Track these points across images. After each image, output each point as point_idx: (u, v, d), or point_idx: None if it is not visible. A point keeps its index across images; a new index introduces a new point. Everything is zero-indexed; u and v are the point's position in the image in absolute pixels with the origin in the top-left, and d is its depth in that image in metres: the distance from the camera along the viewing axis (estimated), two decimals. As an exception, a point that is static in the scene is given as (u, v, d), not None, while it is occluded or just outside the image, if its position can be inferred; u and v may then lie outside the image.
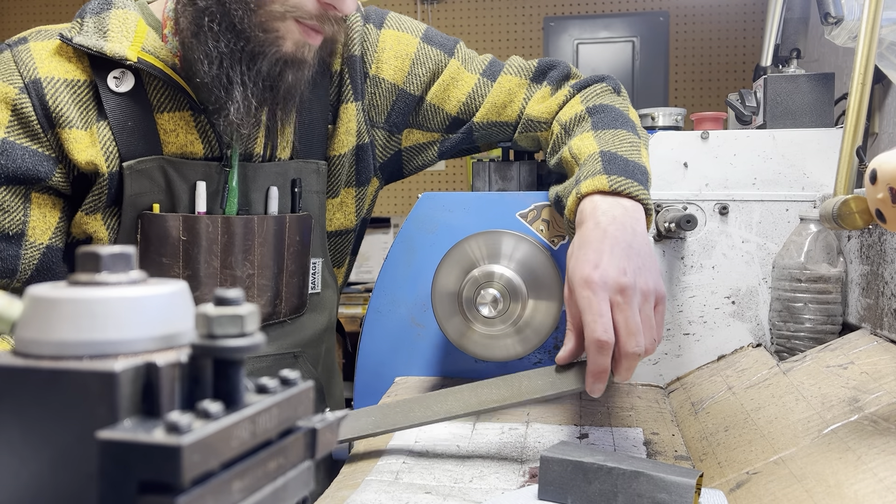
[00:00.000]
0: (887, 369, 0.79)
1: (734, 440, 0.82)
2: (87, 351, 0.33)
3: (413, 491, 0.74)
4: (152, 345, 0.35)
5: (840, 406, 0.76)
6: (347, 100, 1.14)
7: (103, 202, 1.02)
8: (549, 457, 0.70)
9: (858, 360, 0.85)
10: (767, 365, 0.97)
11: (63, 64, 1.00)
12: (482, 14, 3.39)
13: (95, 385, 0.32)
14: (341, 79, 1.14)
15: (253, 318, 0.35)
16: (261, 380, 0.37)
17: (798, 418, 0.79)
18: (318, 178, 1.13)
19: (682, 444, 0.87)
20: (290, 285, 1.12)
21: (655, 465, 0.69)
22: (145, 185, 1.01)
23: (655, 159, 1.11)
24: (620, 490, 0.67)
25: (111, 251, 0.36)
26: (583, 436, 0.90)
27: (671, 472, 0.66)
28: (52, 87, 0.98)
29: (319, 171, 1.13)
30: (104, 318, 0.34)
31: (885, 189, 0.61)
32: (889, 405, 0.72)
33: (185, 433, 0.30)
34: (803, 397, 0.83)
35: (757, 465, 0.74)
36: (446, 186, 3.47)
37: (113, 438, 0.30)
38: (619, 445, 0.86)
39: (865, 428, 0.70)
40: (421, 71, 1.15)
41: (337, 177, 1.16)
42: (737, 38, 3.24)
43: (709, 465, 0.80)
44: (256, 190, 1.07)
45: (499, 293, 0.93)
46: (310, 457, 0.38)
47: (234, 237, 1.05)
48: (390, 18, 1.18)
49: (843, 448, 0.68)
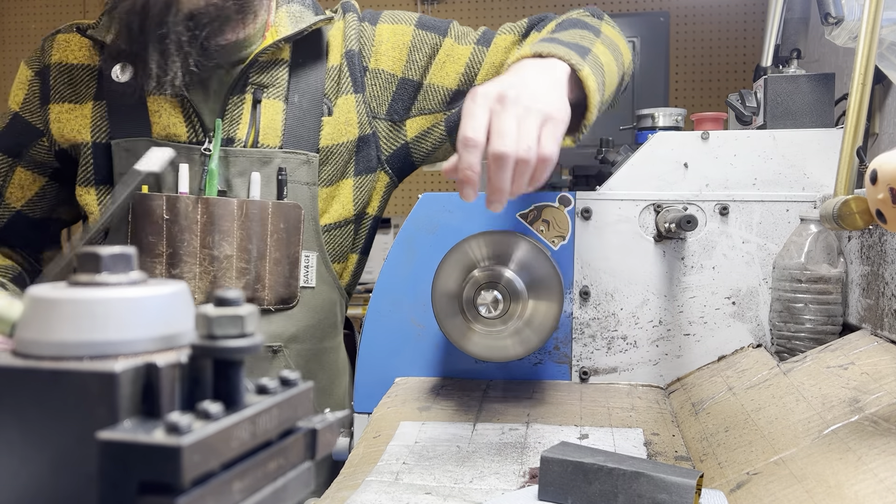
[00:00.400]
0: (888, 370, 0.79)
1: (734, 441, 0.82)
2: (88, 351, 0.34)
3: (413, 492, 0.74)
4: (152, 345, 0.35)
5: (840, 406, 0.76)
6: (346, 91, 1.18)
7: (92, 174, 1.13)
8: (550, 457, 0.70)
9: (859, 361, 0.85)
10: (768, 365, 0.97)
11: (75, 52, 1.17)
12: (482, 14, 3.39)
13: (95, 385, 0.32)
14: (340, 72, 1.18)
15: (253, 318, 0.35)
16: (261, 380, 0.37)
17: (798, 419, 0.79)
18: (309, 169, 1.15)
19: (682, 445, 0.87)
20: (275, 273, 1.13)
21: (656, 466, 0.69)
22: (133, 164, 1.05)
23: (655, 159, 1.11)
24: (621, 490, 0.67)
25: (111, 252, 0.36)
26: (583, 436, 0.90)
27: (671, 473, 0.66)
28: (58, 70, 1.16)
29: (310, 163, 1.15)
30: (104, 319, 0.34)
31: (885, 189, 0.61)
32: (889, 405, 0.72)
33: (186, 434, 0.30)
34: (804, 398, 0.83)
35: (757, 466, 0.74)
36: (446, 186, 3.47)
37: (113, 439, 0.30)
38: (620, 446, 0.86)
39: (866, 428, 0.70)
40: (418, 56, 1.19)
41: (334, 167, 1.18)
42: (737, 38, 3.24)
43: (709, 466, 0.80)
44: (238, 175, 1.12)
45: (499, 294, 0.93)
46: (310, 457, 0.38)
47: (214, 217, 1.09)
48: (385, 15, 1.23)
49: (844, 448, 0.68)
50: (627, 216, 1.10)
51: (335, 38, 1.20)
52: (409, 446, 0.87)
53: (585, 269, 1.11)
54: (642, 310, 1.10)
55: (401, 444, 0.88)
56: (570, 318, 1.11)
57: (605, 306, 1.11)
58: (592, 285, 1.11)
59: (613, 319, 1.11)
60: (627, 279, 1.10)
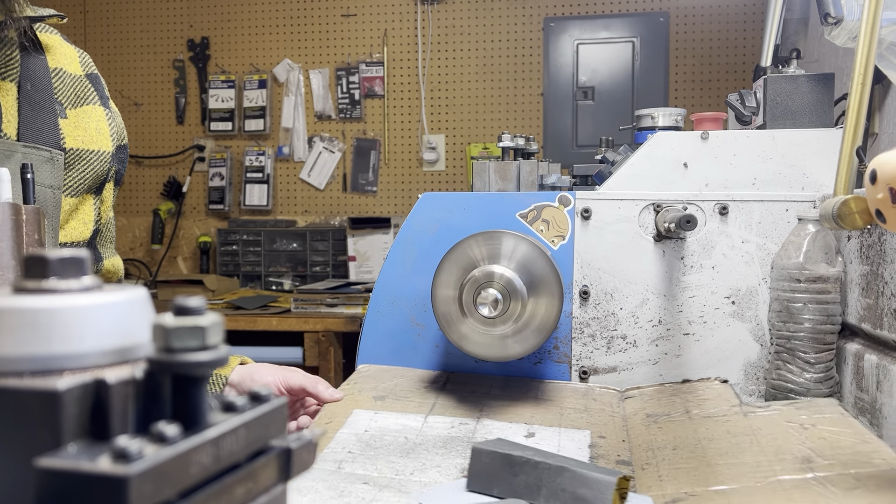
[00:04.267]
0: (846, 443, 0.79)
1: (680, 460, 0.82)
2: (29, 366, 0.30)
3: (351, 481, 0.75)
4: (103, 359, 0.32)
5: (793, 462, 0.77)
6: (93, 102, 1.07)
7: None
8: (480, 448, 0.72)
9: (821, 426, 0.85)
10: (730, 402, 0.98)
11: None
12: (482, 14, 3.38)
13: (36, 405, 0.28)
14: (80, 83, 1.07)
15: (216, 328, 0.31)
16: (228, 397, 0.33)
17: (748, 460, 0.79)
18: (53, 169, 0.96)
19: (626, 451, 0.87)
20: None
21: (581, 463, 0.71)
22: None
23: (655, 159, 1.11)
24: (545, 483, 0.68)
25: (60, 255, 0.32)
26: (530, 434, 0.90)
27: (594, 470, 0.69)
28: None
29: (54, 161, 0.96)
30: (48, 330, 0.30)
31: (884, 189, 0.61)
32: (840, 475, 0.72)
33: (134, 461, 0.26)
34: (758, 443, 0.83)
35: (697, 490, 0.74)
36: (446, 186, 3.48)
37: (52, 467, 0.26)
38: (564, 446, 0.86)
39: (812, 487, 0.71)
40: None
41: (81, 174, 1.03)
42: (737, 38, 3.24)
43: (649, 476, 0.80)
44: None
45: (499, 293, 0.93)
46: (283, 480, 0.35)
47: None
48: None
49: (787, 497, 0.69)
50: (627, 216, 1.10)
51: (65, 49, 1.08)
52: (357, 434, 0.88)
53: (585, 268, 1.11)
54: (642, 309, 1.10)
55: (350, 431, 0.89)
56: (570, 317, 1.11)
57: (605, 306, 1.11)
58: (592, 285, 1.11)
59: (613, 319, 1.11)
60: (627, 279, 1.10)
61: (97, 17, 3.67)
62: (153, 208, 3.61)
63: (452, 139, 3.47)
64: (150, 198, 3.68)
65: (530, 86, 3.39)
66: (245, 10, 3.58)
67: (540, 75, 3.36)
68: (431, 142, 3.46)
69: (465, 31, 3.44)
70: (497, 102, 3.43)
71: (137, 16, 3.65)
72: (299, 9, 3.54)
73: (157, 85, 3.66)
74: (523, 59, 3.40)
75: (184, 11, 3.62)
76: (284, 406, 0.35)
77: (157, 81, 3.66)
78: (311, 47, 3.54)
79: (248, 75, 3.55)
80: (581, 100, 3.20)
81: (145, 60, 3.66)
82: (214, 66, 3.60)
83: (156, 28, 3.64)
